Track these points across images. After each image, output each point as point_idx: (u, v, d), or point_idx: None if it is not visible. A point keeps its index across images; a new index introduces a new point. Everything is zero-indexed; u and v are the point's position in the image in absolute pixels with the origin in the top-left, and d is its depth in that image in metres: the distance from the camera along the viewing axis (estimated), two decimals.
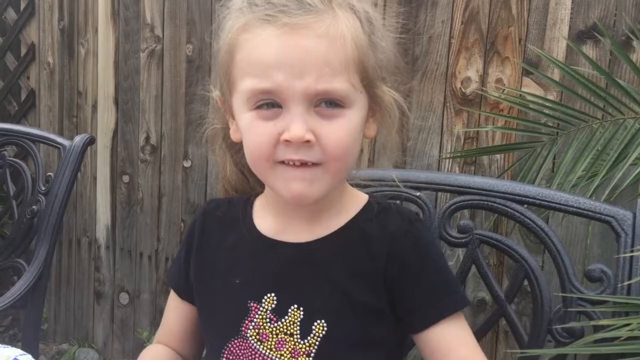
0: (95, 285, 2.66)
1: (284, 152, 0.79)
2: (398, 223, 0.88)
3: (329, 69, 0.77)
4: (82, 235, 2.67)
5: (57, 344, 2.75)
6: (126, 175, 2.52)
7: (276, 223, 0.91)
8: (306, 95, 0.78)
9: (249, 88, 0.80)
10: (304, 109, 0.78)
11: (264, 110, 0.80)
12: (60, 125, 2.64)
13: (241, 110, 0.83)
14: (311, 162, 0.80)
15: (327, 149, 0.79)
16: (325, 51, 0.77)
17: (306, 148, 0.79)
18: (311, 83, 0.77)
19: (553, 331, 1.01)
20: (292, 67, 0.77)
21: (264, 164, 0.82)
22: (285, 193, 0.82)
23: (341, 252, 0.87)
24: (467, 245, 1.11)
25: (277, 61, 0.77)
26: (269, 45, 0.78)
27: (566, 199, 1.05)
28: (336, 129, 0.80)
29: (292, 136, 0.78)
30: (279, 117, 0.79)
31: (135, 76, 2.44)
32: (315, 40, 0.77)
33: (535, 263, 1.06)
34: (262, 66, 0.78)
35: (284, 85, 0.77)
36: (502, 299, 1.07)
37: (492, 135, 1.87)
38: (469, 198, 1.12)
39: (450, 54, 1.91)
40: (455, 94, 1.91)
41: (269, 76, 0.78)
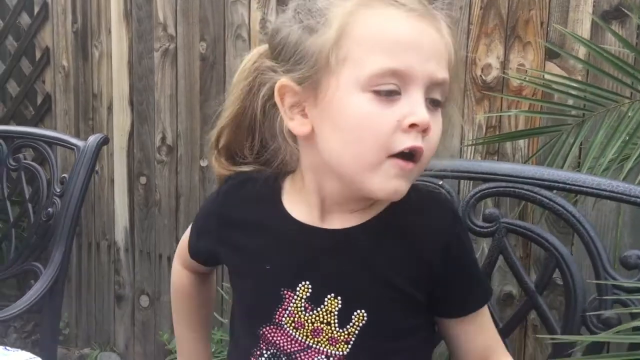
0: (115, 288, 2.65)
1: (403, 139, 0.74)
2: (441, 214, 0.85)
3: (445, 61, 0.77)
4: (101, 238, 2.65)
5: (79, 348, 2.74)
6: (143, 177, 2.50)
7: (311, 211, 0.85)
8: (429, 81, 0.75)
9: (378, 64, 0.74)
10: (422, 95, 0.75)
11: (385, 95, 0.75)
12: (77, 129, 2.63)
13: (350, 91, 0.75)
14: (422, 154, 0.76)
15: (430, 143, 0.77)
16: (444, 43, 0.78)
17: (423, 137, 0.75)
18: (436, 69, 0.76)
19: (587, 321, 0.96)
20: (422, 50, 0.75)
21: (372, 156, 0.75)
22: (383, 190, 0.77)
23: (381, 240, 0.83)
24: (494, 235, 1.06)
25: (410, 41, 0.75)
26: (401, 25, 0.75)
27: (598, 183, 0.99)
28: (438, 124, 0.78)
29: (421, 120, 0.74)
30: (397, 103, 0.75)
31: (149, 76, 2.42)
32: (436, 32, 0.77)
33: (567, 251, 1.00)
34: (396, 44, 0.74)
35: (415, 68, 0.74)
36: (533, 290, 1.02)
37: (515, 123, 1.81)
38: (495, 185, 1.07)
39: (469, 41, 1.85)
40: (475, 82, 1.85)
41: (402, 56, 0.74)
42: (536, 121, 1.77)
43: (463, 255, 0.86)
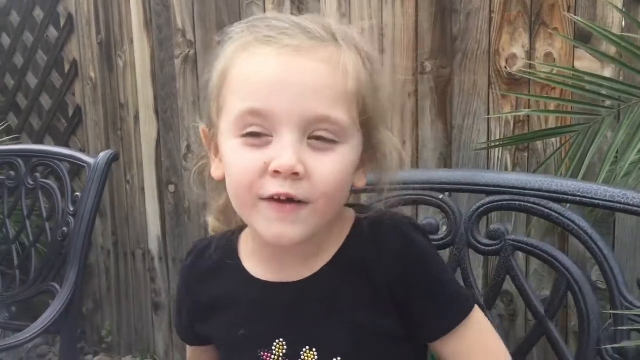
0: (152, 296, 2.65)
1: (270, 185, 0.72)
2: (395, 240, 0.79)
3: (330, 95, 0.72)
4: (135, 247, 2.66)
5: (122, 356, 2.77)
6: (172, 185, 2.49)
7: (270, 266, 0.83)
8: (303, 120, 0.71)
9: (238, 108, 0.72)
10: (296, 138, 0.71)
11: (252, 138, 0.73)
12: (107, 139, 2.64)
13: (227, 137, 0.75)
14: (298, 199, 0.72)
15: (317, 185, 0.72)
16: (327, 76, 0.72)
17: (294, 181, 0.71)
18: (311, 106, 0.71)
19: (603, 352, 0.85)
20: (291, 87, 0.70)
21: (246, 199, 0.74)
22: (266, 234, 0.74)
23: (342, 282, 0.80)
24: (499, 253, 0.96)
25: (274, 80, 0.71)
26: (267, 64, 0.72)
27: (612, 194, 0.88)
28: (329, 164, 0.73)
29: (282, 165, 0.70)
30: (268, 146, 0.72)
31: (171, 83, 2.40)
32: (317, 64, 0.72)
33: (580, 272, 0.90)
34: (257, 85, 0.72)
35: (279, 107, 0.70)
36: (542, 315, 0.92)
37: (544, 117, 1.68)
38: (499, 199, 0.97)
39: (491, 30, 1.73)
40: (500, 74, 1.73)
41: (262, 96, 0.71)
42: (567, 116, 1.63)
43: (424, 275, 0.79)
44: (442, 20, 1.80)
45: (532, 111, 1.53)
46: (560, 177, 1.06)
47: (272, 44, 0.72)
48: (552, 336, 0.91)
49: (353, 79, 0.73)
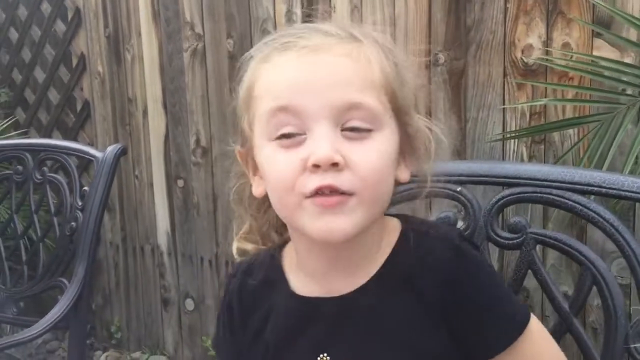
0: (161, 292, 2.63)
1: (311, 181, 0.69)
2: (442, 253, 0.75)
3: (357, 83, 0.71)
4: (144, 242, 2.64)
5: (131, 352, 2.75)
6: (180, 180, 2.47)
7: (313, 281, 0.80)
8: (334, 110, 0.70)
9: (268, 108, 0.72)
10: (329, 129, 0.70)
11: (285, 139, 0.71)
12: (115, 134, 2.62)
13: (261, 144, 0.74)
14: (342, 190, 0.69)
15: (359, 173, 0.70)
16: (348, 68, 0.71)
17: (335, 172, 0.69)
18: (339, 95, 0.70)
19: (632, 350, 0.82)
20: (317, 81, 0.70)
21: (290, 200, 0.72)
22: (315, 230, 0.71)
23: (387, 298, 0.77)
24: (521, 247, 0.93)
25: (299, 78, 0.71)
26: (289, 66, 0.72)
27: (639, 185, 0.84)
28: (368, 151, 0.71)
29: (319, 157, 0.68)
30: (303, 144, 0.71)
31: (180, 77, 2.37)
32: (340, 58, 0.71)
33: (605, 266, 0.86)
34: (283, 85, 0.72)
35: (308, 102, 0.70)
36: (567, 311, 0.88)
37: (562, 107, 1.64)
38: (520, 190, 0.94)
39: (507, 20, 1.69)
40: (516, 65, 1.69)
41: (290, 94, 0.71)
42: (586, 106, 1.60)
43: (478, 291, 0.75)
44: (456, 11, 1.76)
45: (550, 100, 1.50)
46: (583, 168, 1.03)
47: (291, 48, 0.72)
48: (577, 333, 0.87)
49: (378, 69, 0.73)
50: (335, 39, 0.73)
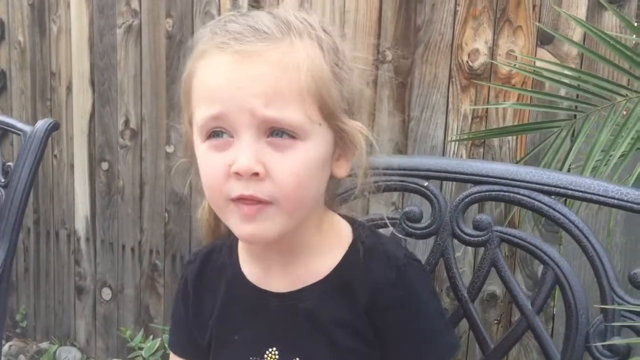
0: (75, 279, 2.49)
1: (235, 187, 0.73)
2: (383, 272, 0.79)
3: (279, 97, 0.72)
4: (60, 227, 2.49)
5: (38, 342, 2.58)
6: (105, 162, 2.34)
7: (257, 267, 0.85)
8: (254, 119, 0.71)
9: (201, 116, 0.74)
10: (253, 137, 0.72)
11: (214, 139, 0.74)
12: (34, 109, 2.45)
13: (197, 143, 0.77)
14: (262, 199, 0.73)
15: (279, 183, 0.73)
16: (276, 79, 0.72)
17: (256, 182, 0.72)
18: (259, 107, 0.71)
19: (592, 349, 0.84)
20: (239, 90, 0.72)
21: (218, 201, 0.76)
22: (239, 233, 0.77)
23: (326, 302, 0.81)
24: (485, 245, 0.94)
25: (224, 86, 0.73)
26: (219, 72, 0.73)
27: (605, 189, 0.87)
28: (289, 161, 0.73)
29: (240, 167, 0.71)
30: (230, 147, 0.73)
31: (111, 54, 2.25)
32: (265, 67, 0.72)
33: (568, 266, 0.89)
34: (211, 91, 0.74)
35: (231, 110, 0.72)
36: (529, 309, 0.90)
37: (502, 113, 1.69)
38: (487, 189, 0.94)
39: (456, 24, 1.72)
40: (461, 68, 1.72)
41: (217, 101, 0.73)
42: (525, 111, 1.65)
43: (408, 313, 0.80)
44: (406, 10, 1.77)
45: (514, 104, 1.53)
46: (552, 169, 1.05)
47: (225, 51, 0.73)
48: (539, 331, 0.89)
49: (308, 77, 0.73)
50: (268, 43, 0.73)
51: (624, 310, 0.82)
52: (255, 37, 0.72)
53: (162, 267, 2.30)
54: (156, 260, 2.30)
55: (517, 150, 1.68)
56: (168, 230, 2.25)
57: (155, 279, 2.32)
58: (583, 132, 1.12)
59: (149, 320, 2.34)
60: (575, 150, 1.11)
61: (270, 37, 0.73)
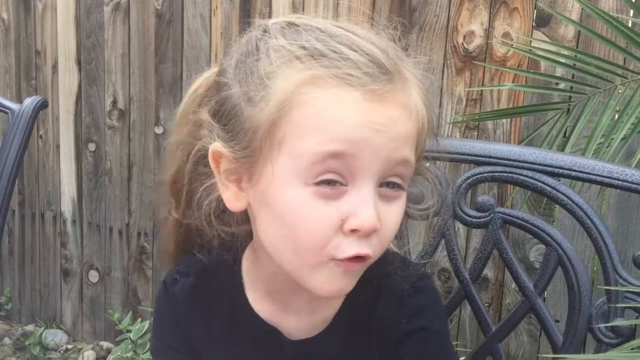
0: (61, 262, 2.46)
1: (347, 245, 0.63)
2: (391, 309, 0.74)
3: (410, 142, 0.66)
4: (46, 208, 2.45)
5: (23, 325, 2.55)
6: (92, 143, 2.30)
7: (271, 303, 0.76)
8: (386, 163, 0.64)
9: (317, 150, 0.62)
10: (373, 187, 0.64)
11: (327, 187, 0.63)
12: (18, 88, 2.40)
13: (289, 181, 0.64)
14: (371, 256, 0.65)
15: (383, 237, 0.66)
16: (405, 123, 0.66)
17: (367, 239, 0.64)
18: (395, 151, 0.64)
19: (595, 331, 0.84)
20: (377, 133, 0.63)
21: (313, 259, 0.65)
22: (324, 289, 0.67)
23: (340, 347, 0.76)
24: (487, 226, 0.93)
25: (364, 124, 0.62)
26: (353, 108, 0.63)
27: (610, 170, 0.86)
28: (395, 215, 0.67)
29: (364, 224, 0.62)
30: (343, 197, 0.63)
31: (98, 33, 2.20)
32: (398, 110, 0.65)
33: (571, 247, 0.88)
34: (343, 129, 0.62)
35: (364, 152, 0.62)
36: (531, 291, 0.90)
37: (497, 97, 1.68)
38: (490, 169, 0.93)
39: (451, 5, 1.70)
40: (456, 51, 1.71)
41: (351, 139, 0.62)
42: (520, 94, 1.65)
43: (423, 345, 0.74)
44: None
45: (511, 85, 1.52)
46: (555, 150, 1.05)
47: (356, 86, 0.63)
48: (541, 312, 0.89)
49: (420, 124, 0.68)
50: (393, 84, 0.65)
51: (628, 291, 0.82)
52: (383, 74, 0.64)
53: (151, 249, 2.27)
54: (144, 242, 2.28)
55: (511, 134, 1.68)
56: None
57: (144, 261, 2.29)
58: (584, 114, 1.11)
59: (137, 302, 2.32)
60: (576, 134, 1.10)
61: (392, 76, 0.65)
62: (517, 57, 1.65)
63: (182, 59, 2.09)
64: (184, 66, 2.09)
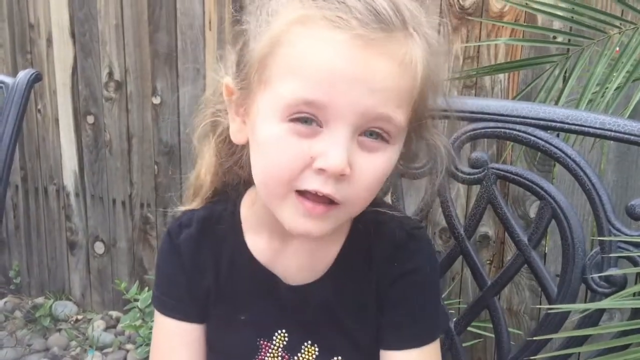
0: (67, 235, 2.48)
1: (311, 180, 0.65)
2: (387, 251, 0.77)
3: (397, 97, 0.65)
4: (48, 182, 2.46)
5: (32, 297, 2.59)
6: (90, 116, 2.30)
7: (269, 246, 0.79)
8: (363, 117, 0.64)
9: (292, 95, 0.64)
10: (349, 135, 0.64)
11: (300, 124, 0.65)
12: (14, 63, 2.39)
13: (268, 119, 0.66)
14: (337, 200, 0.66)
15: (358, 186, 0.66)
16: (398, 77, 0.65)
17: (336, 181, 0.65)
18: (375, 106, 0.64)
19: (588, 280, 0.85)
20: (360, 85, 0.63)
21: (279, 189, 0.67)
22: (291, 226, 0.69)
23: (339, 293, 0.78)
24: (482, 182, 0.93)
25: (343, 74, 0.62)
26: (336, 55, 0.62)
27: (602, 121, 0.86)
28: (374, 165, 0.67)
29: (331, 166, 0.64)
30: (317, 137, 0.65)
31: (91, 4, 2.18)
32: (389, 63, 0.64)
33: (565, 200, 0.88)
34: (321, 75, 0.63)
35: (341, 102, 0.63)
36: (525, 244, 0.90)
37: (494, 53, 1.67)
38: (483, 126, 0.93)
39: None
40: (452, 8, 1.69)
41: (326, 89, 0.63)
42: (517, 51, 1.63)
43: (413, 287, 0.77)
44: None
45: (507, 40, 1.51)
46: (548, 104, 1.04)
47: (343, 30, 0.62)
48: (535, 265, 0.89)
49: (419, 82, 0.67)
50: (388, 32, 0.63)
51: (621, 241, 0.82)
52: (378, 23, 0.63)
53: (154, 219, 2.29)
54: (148, 213, 2.29)
55: (509, 90, 1.67)
56: (158, 183, 2.23)
57: (148, 231, 2.31)
58: (579, 65, 1.10)
59: (143, 272, 2.35)
60: (570, 86, 1.09)
61: (390, 27, 0.63)
62: (513, 12, 1.63)
63: (176, 27, 2.07)
64: (179, 35, 2.07)
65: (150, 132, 2.20)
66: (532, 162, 1.66)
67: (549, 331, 0.87)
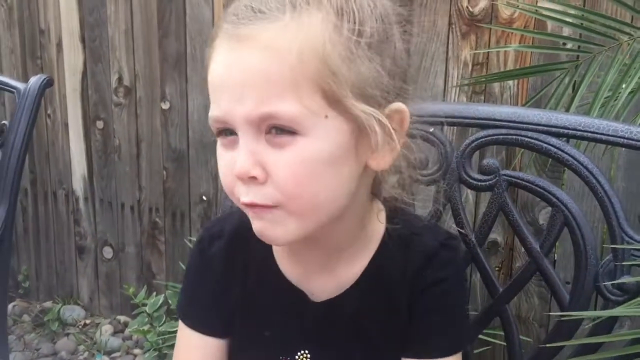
0: (76, 239, 2.49)
1: (241, 192, 0.67)
2: (417, 264, 0.76)
3: (272, 88, 0.62)
4: (57, 187, 2.47)
5: (41, 302, 2.60)
6: (100, 121, 2.31)
7: (296, 265, 0.78)
8: (249, 121, 0.63)
9: (210, 113, 0.68)
10: (251, 137, 0.64)
11: (222, 137, 0.68)
12: (24, 68, 2.40)
13: None
14: (265, 204, 0.65)
15: (279, 185, 0.64)
16: (267, 66, 0.61)
17: (257, 186, 0.65)
18: (251, 107, 0.62)
19: (602, 289, 0.84)
20: (232, 88, 0.64)
21: (234, 199, 0.69)
22: (259, 235, 0.69)
23: (368, 305, 0.77)
24: (493, 189, 0.93)
25: (220, 83, 0.65)
26: (218, 65, 0.66)
27: (615, 129, 0.86)
28: (288, 162, 0.64)
29: (237, 172, 0.65)
30: (235, 146, 0.66)
31: (101, 9, 2.20)
32: (257, 54, 0.62)
33: (577, 208, 0.88)
34: (212, 88, 0.67)
35: (227, 111, 0.64)
36: (537, 251, 0.90)
37: (504, 60, 1.67)
38: (494, 132, 0.93)
39: None
40: (461, 14, 1.69)
41: (216, 100, 0.66)
42: (527, 57, 1.63)
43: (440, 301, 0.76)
44: None
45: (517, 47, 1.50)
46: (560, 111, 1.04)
47: (225, 35, 0.65)
48: (547, 272, 0.89)
49: (303, 59, 0.61)
50: (266, 21, 0.61)
51: (634, 249, 0.82)
52: (252, 15, 0.62)
53: (163, 224, 2.29)
54: (156, 218, 2.30)
55: (518, 96, 1.67)
56: (167, 188, 2.24)
57: (156, 236, 2.32)
58: (590, 72, 1.10)
59: (152, 277, 2.35)
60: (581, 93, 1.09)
61: (267, 16, 0.62)
62: (523, 18, 1.63)
63: (185, 32, 2.08)
64: (188, 40, 2.08)
65: (159, 137, 2.21)
66: (542, 169, 1.66)
67: (561, 339, 0.87)
